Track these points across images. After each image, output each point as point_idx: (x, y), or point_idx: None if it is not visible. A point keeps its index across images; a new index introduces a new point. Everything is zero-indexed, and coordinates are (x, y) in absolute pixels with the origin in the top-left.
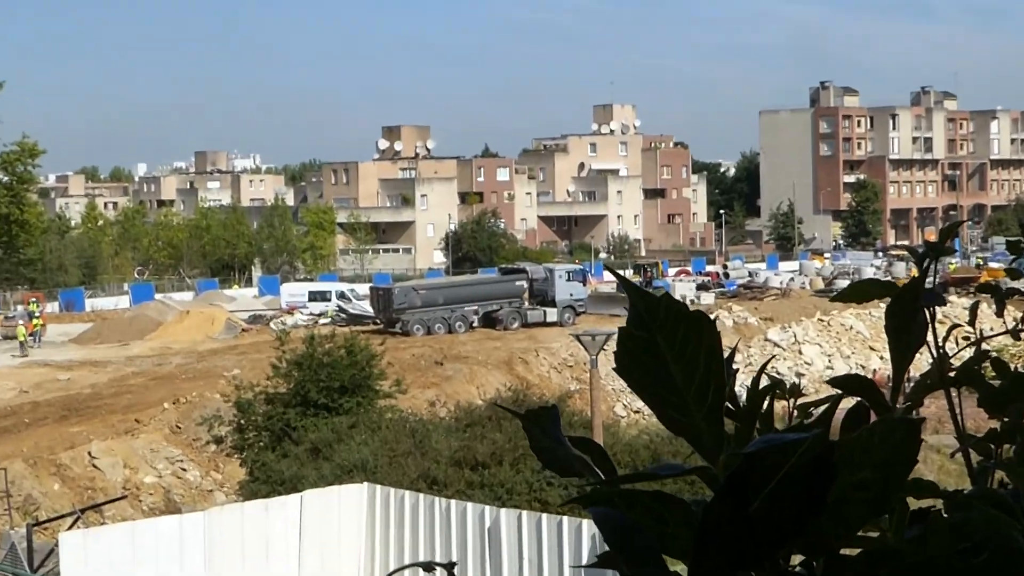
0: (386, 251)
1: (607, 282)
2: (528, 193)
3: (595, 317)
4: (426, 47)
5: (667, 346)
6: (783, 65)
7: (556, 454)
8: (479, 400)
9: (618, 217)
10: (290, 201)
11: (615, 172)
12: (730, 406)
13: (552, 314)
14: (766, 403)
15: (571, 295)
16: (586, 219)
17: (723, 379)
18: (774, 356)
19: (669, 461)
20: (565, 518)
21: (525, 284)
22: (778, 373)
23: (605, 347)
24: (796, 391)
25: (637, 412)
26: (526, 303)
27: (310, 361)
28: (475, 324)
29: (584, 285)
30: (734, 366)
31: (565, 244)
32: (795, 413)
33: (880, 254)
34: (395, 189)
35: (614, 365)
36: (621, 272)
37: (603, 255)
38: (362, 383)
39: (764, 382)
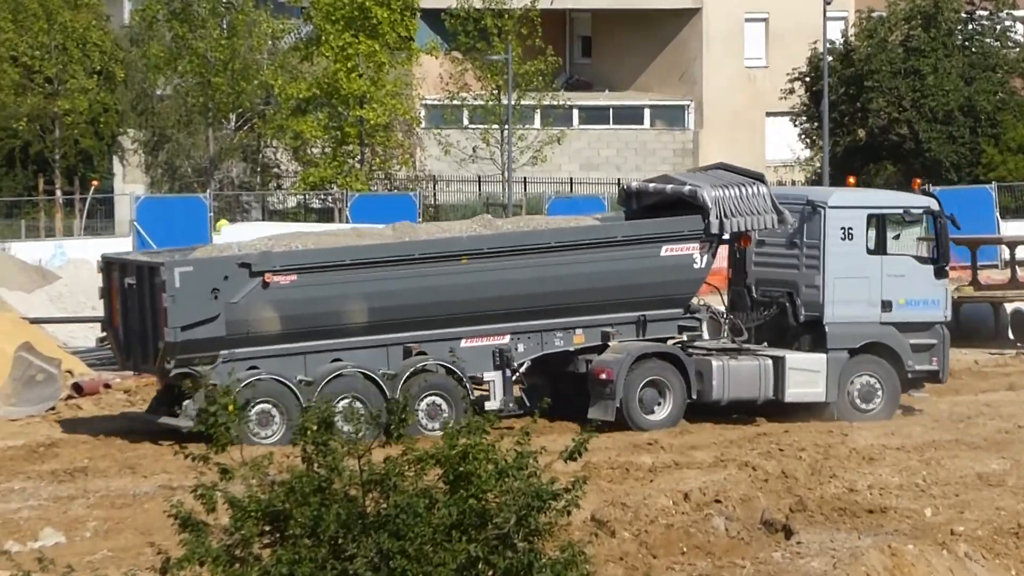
0: (640, 114)
1: None
2: None
3: None
4: None
5: None
6: None
7: None
8: None
9: None
10: None
11: None
12: None
13: (808, 376)
14: None
15: (897, 303)
16: None
17: None
18: None
19: None
20: None
21: (701, 252)
22: None
23: None
24: None
25: None
26: (728, 321)
27: (327, 508)
28: (505, 399)
29: (944, 268)
30: None
31: None
32: None
33: None
34: None
35: None
36: None
37: None
38: None
39: None
